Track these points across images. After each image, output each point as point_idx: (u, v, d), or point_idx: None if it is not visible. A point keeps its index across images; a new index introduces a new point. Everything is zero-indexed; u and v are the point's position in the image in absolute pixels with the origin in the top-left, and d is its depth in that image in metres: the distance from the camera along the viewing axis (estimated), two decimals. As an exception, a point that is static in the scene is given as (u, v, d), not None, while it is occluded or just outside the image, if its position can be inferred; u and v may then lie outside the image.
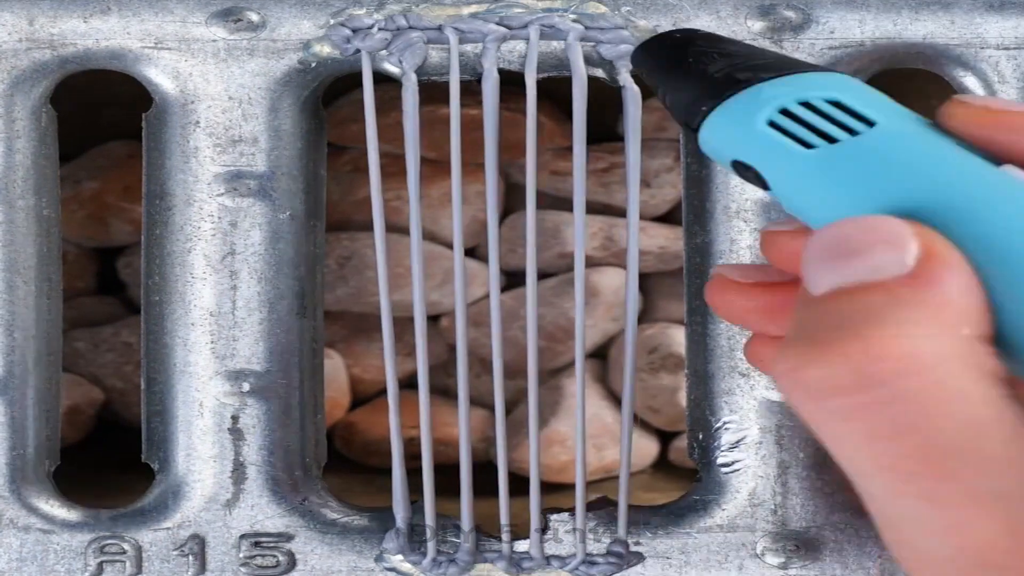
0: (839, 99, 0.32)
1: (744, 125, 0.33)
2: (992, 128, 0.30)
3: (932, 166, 0.29)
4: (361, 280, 0.64)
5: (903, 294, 0.27)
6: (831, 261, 0.28)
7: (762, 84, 0.34)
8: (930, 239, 0.27)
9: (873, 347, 0.26)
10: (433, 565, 0.49)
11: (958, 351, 0.26)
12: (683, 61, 0.36)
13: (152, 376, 0.49)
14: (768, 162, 0.32)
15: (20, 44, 0.48)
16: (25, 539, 0.49)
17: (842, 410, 0.27)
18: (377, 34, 0.48)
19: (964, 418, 0.26)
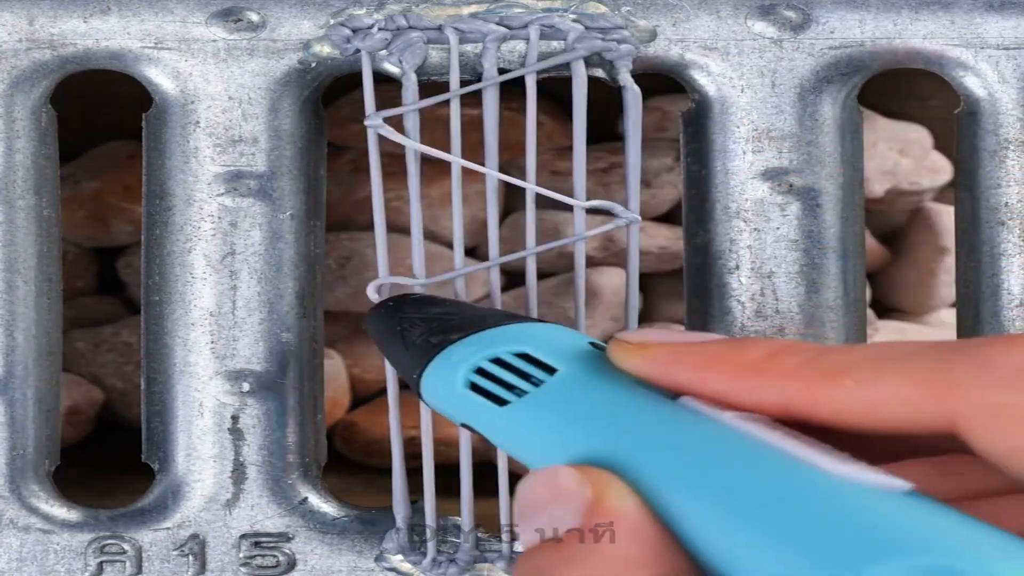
0: (525, 351, 0.33)
1: (449, 391, 0.35)
2: (654, 366, 0.30)
3: (609, 407, 0.30)
4: (361, 280, 0.64)
5: (573, 550, 0.27)
6: (524, 517, 0.28)
7: (452, 347, 0.35)
8: (601, 487, 0.27)
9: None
10: (433, 565, 0.49)
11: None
12: (393, 330, 0.37)
13: (152, 376, 0.49)
14: (480, 423, 0.33)
15: (20, 44, 0.48)
16: (25, 539, 0.49)
17: None
18: (377, 34, 0.48)
19: None
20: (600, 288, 0.64)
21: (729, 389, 0.28)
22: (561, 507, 0.27)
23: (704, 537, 0.26)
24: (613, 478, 0.28)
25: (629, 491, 0.27)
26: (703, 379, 0.29)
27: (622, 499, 0.27)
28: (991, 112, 0.49)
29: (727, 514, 0.26)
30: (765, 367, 0.28)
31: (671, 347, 0.30)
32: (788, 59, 0.48)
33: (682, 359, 0.29)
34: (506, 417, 0.32)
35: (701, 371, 0.29)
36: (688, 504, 0.26)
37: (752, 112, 0.48)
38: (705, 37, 0.48)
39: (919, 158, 0.69)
